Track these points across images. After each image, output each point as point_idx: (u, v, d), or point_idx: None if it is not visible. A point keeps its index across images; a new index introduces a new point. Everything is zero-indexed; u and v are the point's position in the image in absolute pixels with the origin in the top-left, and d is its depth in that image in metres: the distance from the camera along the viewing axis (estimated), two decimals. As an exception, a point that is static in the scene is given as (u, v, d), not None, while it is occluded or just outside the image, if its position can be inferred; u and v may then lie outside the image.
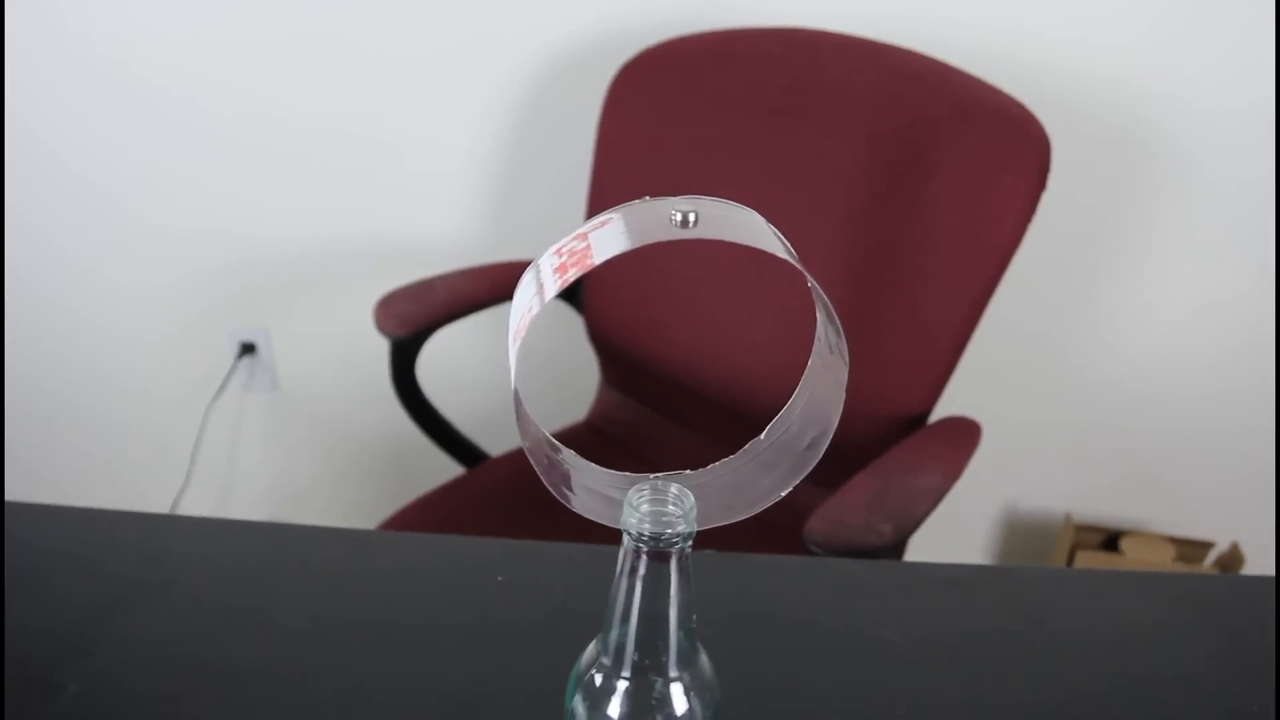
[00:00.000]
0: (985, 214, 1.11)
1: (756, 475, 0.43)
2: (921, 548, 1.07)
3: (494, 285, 1.34)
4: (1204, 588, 0.80)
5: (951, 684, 0.67)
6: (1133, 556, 1.63)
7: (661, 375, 1.35)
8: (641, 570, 0.44)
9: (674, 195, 0.38)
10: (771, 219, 1.23)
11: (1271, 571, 1.56)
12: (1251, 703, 0.67)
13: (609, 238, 0.36)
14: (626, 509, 0.43)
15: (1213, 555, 1.67)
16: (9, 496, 0.77)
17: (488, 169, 1.52)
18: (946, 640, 0.70)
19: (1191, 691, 0.68)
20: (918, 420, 1.18)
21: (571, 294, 1.41)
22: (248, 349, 1.66)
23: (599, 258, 0.35)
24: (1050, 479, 1.71)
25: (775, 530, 1.24)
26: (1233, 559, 1.63)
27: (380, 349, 1.28)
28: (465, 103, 1.47)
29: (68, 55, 1.45)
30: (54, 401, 1.71)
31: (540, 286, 0.37)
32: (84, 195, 1.55)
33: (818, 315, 0.41)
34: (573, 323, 1.44)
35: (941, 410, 1.18)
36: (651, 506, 0.43)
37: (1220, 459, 1.64)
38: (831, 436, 0.41)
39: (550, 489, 0.40)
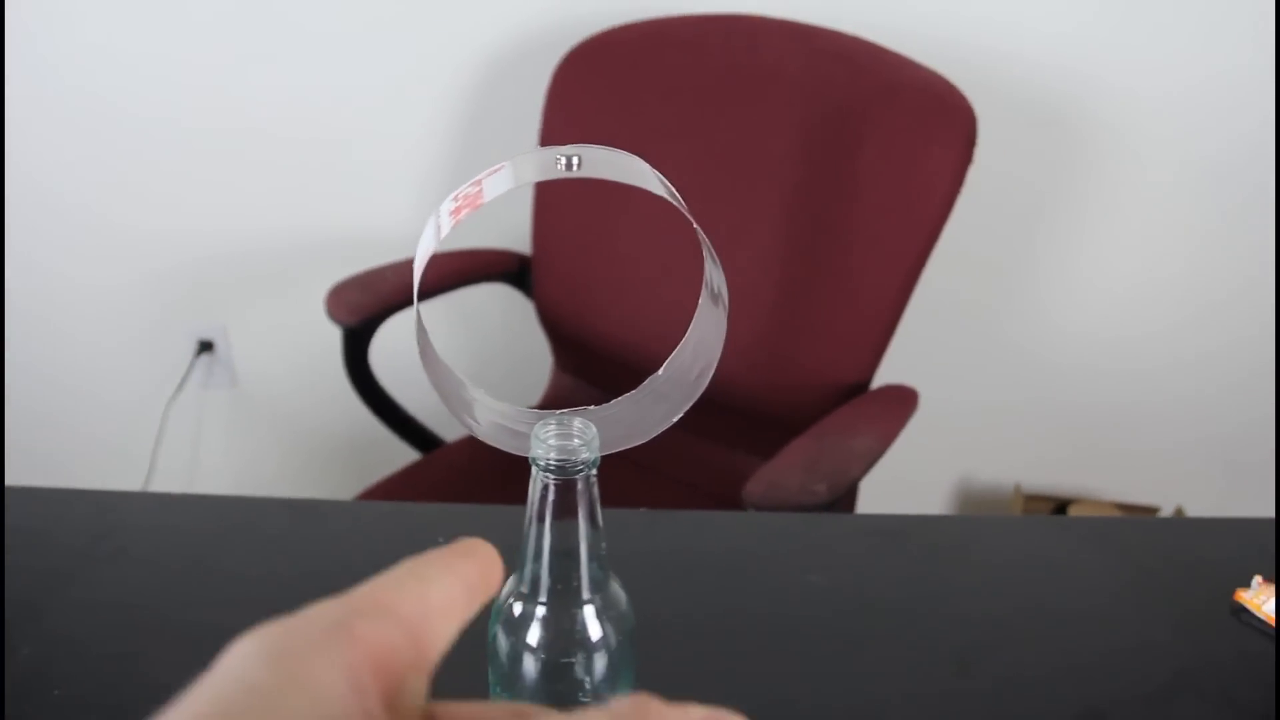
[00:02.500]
0: (914, 186, 1.15)
1: (653, 406, 0.46)
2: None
3: (444, 273, 1.37)
4: (1113, 528, 0.84)
5: (872, 620, 0.70)
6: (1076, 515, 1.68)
7: (612, 357, 1.38)
8: (551, 499, 0.47)
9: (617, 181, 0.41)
10: (711, 199, 1.27)
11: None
12: (1160, 631, 0.71)
13: (499, 180, 0.39)
14: (534, 440, 0.46)
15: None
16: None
17: (436, 161, 1.55)
18: (870, 583, 0.74)
19: (1104, 620, 0.72)
20: (857, 390, 1.21)
21: (521, 279, 1.44)
22: (205, 346, 1.68)
23: (488, 196, 0.38)
24: (1000, 451, 1.75)
25: (719, 501, 1.27)
26: (1176, 521, 1.68)
27: (336, 341, 1.31)
28: (412, 97, 1.50)
29: (18, 59, 1.46)
30: (10, 402, 1.72)
31: (438, 228, 0.39)
32: (38, 197, 1.56)
33: (706, 261, 0.44)
34: (524, 308, 1.47)
35: (874, 377, 1.22)
36: (557, 439, 0.46)
37: (1164, 427, 1.69)
38: (714, 368, 0.44)
39: (454, 416, 0.43)
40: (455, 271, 1.39)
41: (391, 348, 1.36)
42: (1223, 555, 0.78)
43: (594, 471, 0.46)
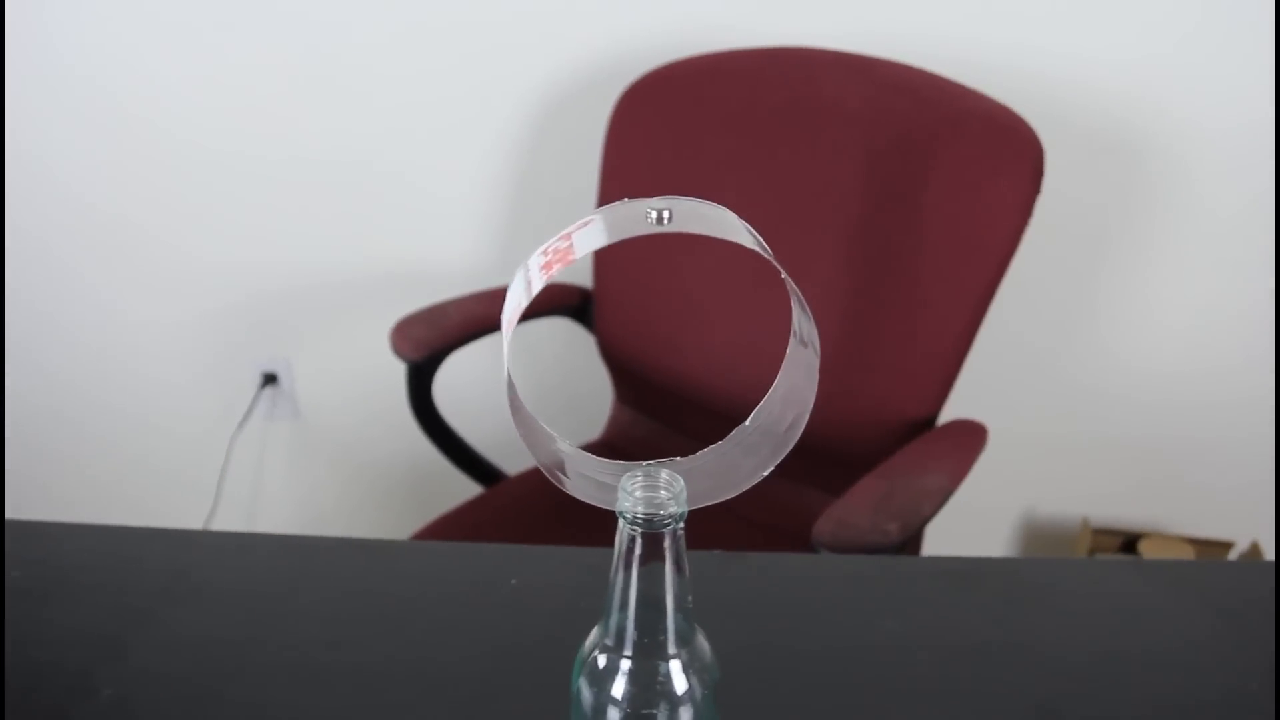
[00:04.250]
0: (981, 218, 1.14)
1: (741, 458, 0.46)
2: (942, 555, 1.09)
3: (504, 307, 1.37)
4: (1191, 571, 0.82)
5: (950, 669, 0.69)
6: (1152, 558, 1.64)
7: (674, 391, 1.37)
8: (637, 552, 0.46)
9: None
10: (773, 233, 1.26)
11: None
12: (1250, 680, 0.69)
13: (590, 235, 0.39)
14: (621, 493, 0.46)
15: (1233, 554, 1.67)
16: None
17: (497, 195, 1.56)
18: (944, 627, 0.72)
19: (1187, 670, 0.70)
20: (924, 425, 1.20)
21: (584, 313, 1.44)
22: (270, 379, 1.70)
23: (580, 253, 0.38)
24: (1066, 483, 1.72)
25: (786, 537, 1.26)
26: (1253, 558, 1.64)
27: (398, 374, 1.32)
28: (474, 131, 1.51)
29: (87, 92, 1.49)
30: (80, 436, 1.76)
31: (528, 283, 0.39)
32: (104, 232, 1.60)
33: (792, 307, 0.44)
34: (585, 341, 1.47)
35: (940, 412, 1.20)
36: (644, 491, 0.46)
37: (1234, 460, 1.65)
38: (808, 417, 0.43)
39: (544, 472, 0.43)
40: (517, 305, 1.39)
41: (454, 381, 1.37)
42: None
43: (681, 525, 0.46)
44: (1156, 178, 1.45)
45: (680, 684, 0.49)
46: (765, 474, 0.44)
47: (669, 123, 1.32)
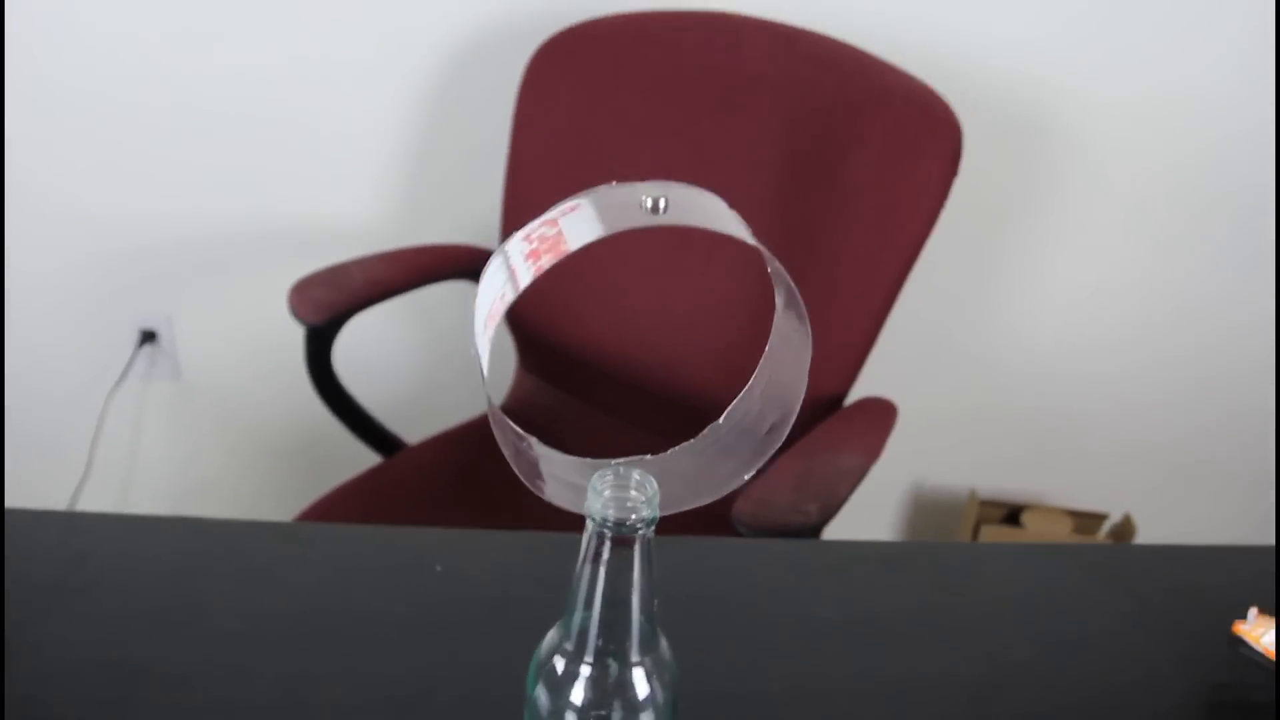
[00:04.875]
0: (901, 197, 1.14)
1: (718, 460, 0.43)
2: (834, 526, 1.10)
3: (410, 270, 1.32)
4: (1112, 555, 0.84)
5: (889, 658, 0.69)
6: (1034, 529, 1.70)
7: (579, 359, 1.34)
8: (605, 555, 0.44)
9: (593, 178, 0.38)
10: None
11: (1162, 541, 1.64)
12: (1162, 663, 0.71)
13: (581, 223, 0.36)
14: (590, 494, 0.43)
15: (1107, 526, 1.74)
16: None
17: (398, 152, 1.49)
18: (880, 616, 0.72)
19: (1108, 653, 0.71)
20: (836, 402, 1.20)
21: (488, 278, 1.40)
22: (148, 336, 1.61)
23: (574, 244, 0.35)
24: (954, 456, 1.76)
25: (699, 514, 1.25)
26: (1125, 529, 1.71)
27: (287, 336, 1.25)
28: (375, 83, 1.44)
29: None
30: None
31: (512, 272, 0.36)
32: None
33: (777, 299, 0.42)
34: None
35: (851, 388, 1.21)
36: (614, 492, 0.43)
37: (1113, 435, 1.71)
38: (793, 421, 0.41)
39: (523, 479, 0.40)
40: (420, 269, 1.34)
41: (352, 345, 1.31)
42: (1217, 584, 0.78)
43: (652, 529, 0.44)
44: (1051, 155, 1.48)
45: (643, 691, 0.47)
46: (746, 478, 0.42)
47: (586, 81, 1.29)
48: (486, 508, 1.22)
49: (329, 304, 1.19)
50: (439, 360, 1.64)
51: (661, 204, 0.37)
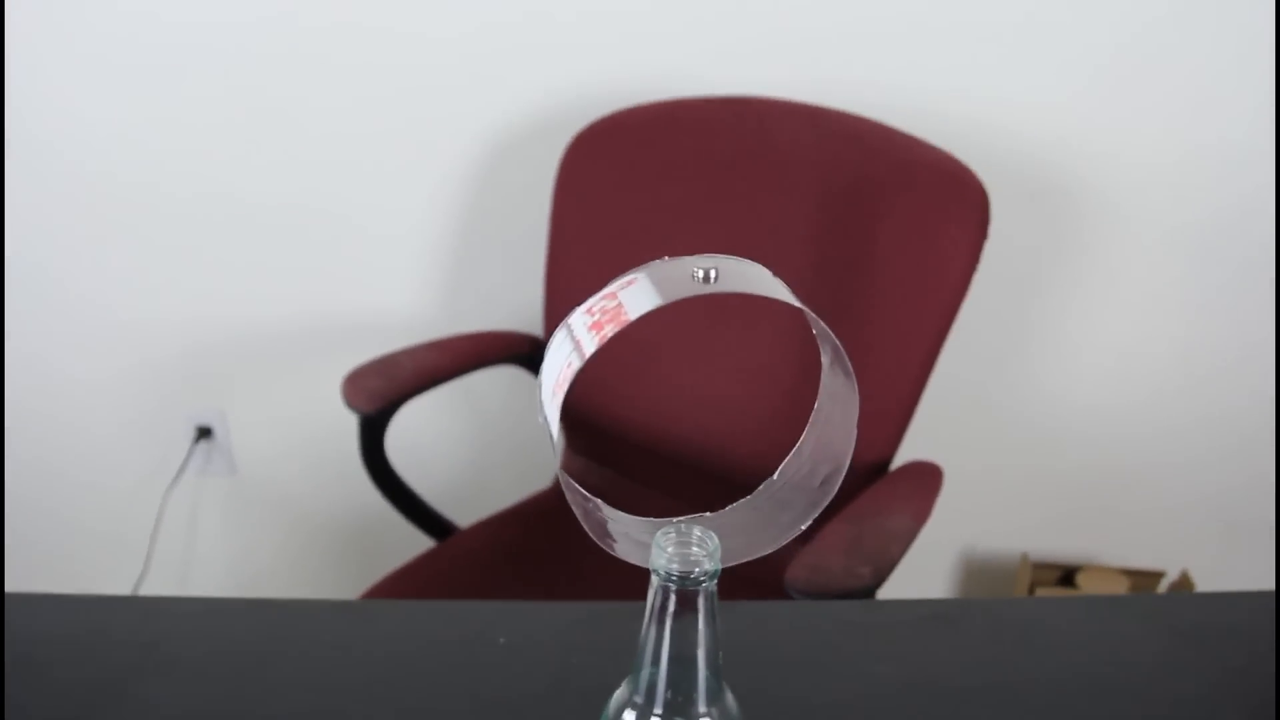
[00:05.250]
0: (932, 265, 1.16)
1: (774, 513, 0.46)
2: (886, 593, 1.10)
3: (456, 356, 1.36)
4: (1169, 605, 0.84)
5: (945, 710, 0.69)
6: (1089, 590, 1.68)
7: (625, 438, 1.37)
8: (670, 609, 0.46)
9: (631, 262, 0.41)
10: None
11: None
12: (1227, 712, 0.70)
13: (639, 295, 0.39)
14: (654, 550, 0.45)
15: (1164, 584, 1.72)
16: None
17: (442, 244, 1.54)
18: (939, 673, 0.73)
19: (1179, 705, 0.71)
20: (880, 468, 1.21)
21: (533, 361, 1.43)
22: (204, 433, 1.65)
23: (633, 314, 0.38)
24: (1004, 519, 1.75)
25: (749, 584, 1.26)
26: (1183, 587, 1.69)
27: (339, 426, 1.29)
28: (417, 178, 1.50)
29: (15, 138, 1.44)
30: (6, 495, 1.68)
31: (577, 343, 0.39)
32: (31, 283, 1.54)
33: (823, 357, 0.44)
34: (531, 388, 1.46)
35: (895, 458, 1.22)
36: (678, 548, 0.46)
37: (1165, 492, 1.70)
38: (844, 474, 0.44)
39: (594, 537, 0.42)
40: (467, 355, 1.38)
41: (402, 432, 1.35)
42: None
43: (714, 582, 0.46)
44: (1082, 218, 1.50)
45: (711, 742, 0.49)
46: (803, 528, 0.44)
47: (620, 169, 1.33)
48: (541, 585, 1.24)
49: (381, 393, 1.23)
50: (488, 444, 1.67)
51: (713, 274, 0.40)
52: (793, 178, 1.24)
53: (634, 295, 0.39)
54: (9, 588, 1.50)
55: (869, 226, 1.19)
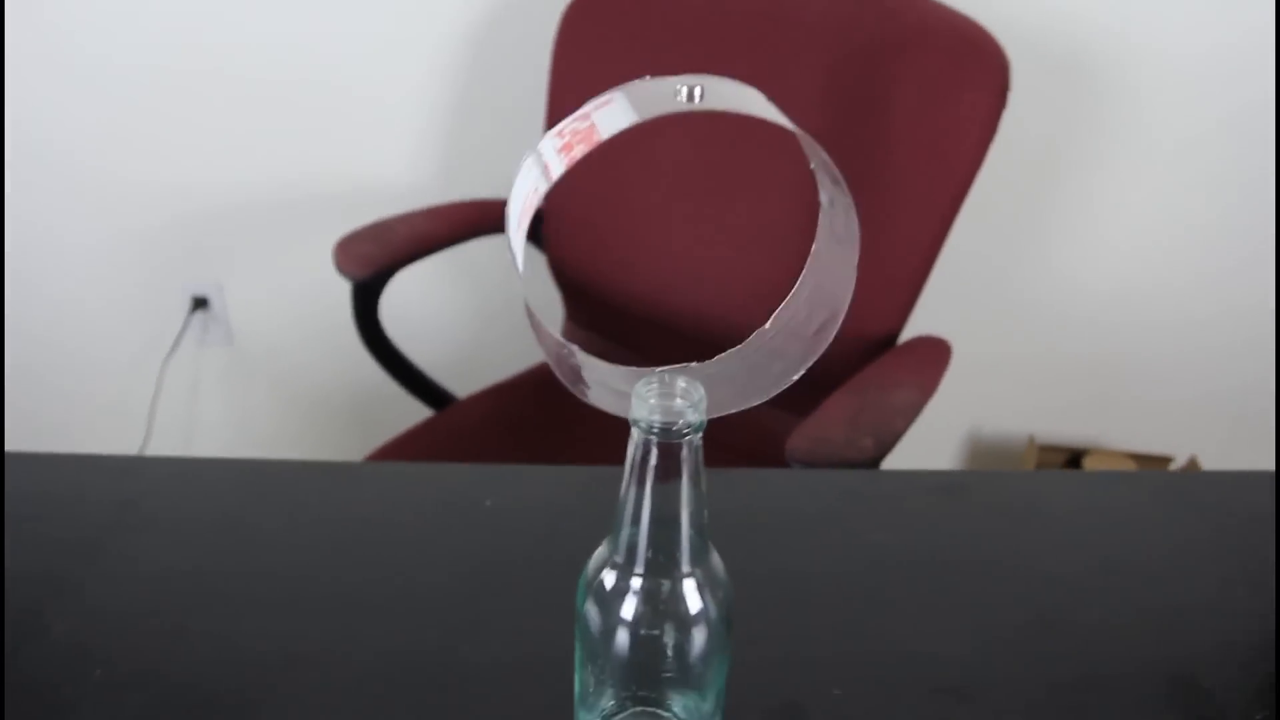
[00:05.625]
0: (947, 132, 1.11)
1: (765, 363, 0.42)
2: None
3: (453, 224, 1.32)
4: (1180, 482, 0.82)
5: (947, 582, 0.67)
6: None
7: (627, 310, 1.34)
8: (652, 464, 0.43)
9: (633, 128, 0.37)
10: (732, 145, 1.21)
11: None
12: (1236, 586, 0.68)
13: (614, 114, 0.35)
14: (635, 400, 0.42)
15: (1172, 469, 1.71)
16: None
17: (437, 112, 1.49)
18: (937, 540, 0.71)
19: (1178, 575, 0.69)
20: (886, 343, 1.18)
21: (533, 231, 1.39)
22: (200, 303, 1.62)
23: (606, 133, 0.34)
24: (1011, 401, 1.73)
25: (746, 458, 1.24)
26: (1192, 472, 1.67)
27: (336, 295, 1.26)
28: (412, 44, 1.44)
29: (8, 5, 1.39)
30: (5, 364, 1.67)
31: (545, 167, 0.35)
32: (27, 150, 1.50)
33: (821, 196, 0.41)
34: (534, 260, 1.42)
35: (903, 336, 1.19)
36: (660, 399, 0.43)
37: (1175, 379, 1.67)
38: (842, 319, 0.40)
39: (565, 384, 0.39)
40: (462, 222, 1.34)
41: (399, 301, 1.32)
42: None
43: (699, 435, 0.43)
44: (1112, 99, 1.43)
45: (695, 604, 0.47)
46: (795, 378, 0.41)
47: (620, 33, 1.27)
48: (540, 455, 1.22)
49: (373, 258, 1.20)
50: (487, 316, 1.64)
51: (697, 92, 0.36)
52: (804, 40, 1.18)
53: (609, 114, 0.35)
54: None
55: (883, 90, 1.14)
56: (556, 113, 1.31)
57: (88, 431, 1.71)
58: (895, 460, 1.03)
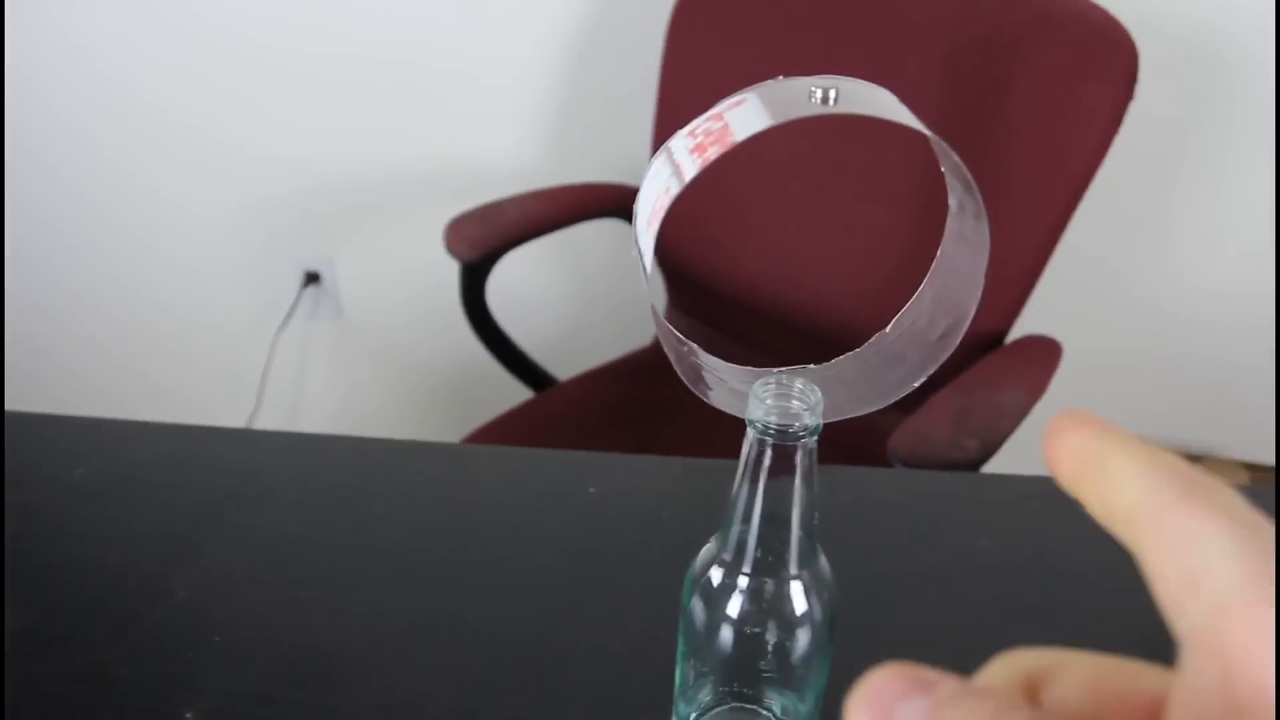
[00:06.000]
0: (1069, 126, 1.08)
1: (885, 368, 0.42)
2: (994, 470, 1.06)
3: (562, 207, 1.33)
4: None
5: (1053, 590, 0.66)
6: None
7: (730, 297, 1.33)
8: (766, 465, 0.43)
9: None
10: (844, 139, 1.19)
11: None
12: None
13: (748, 115, 0.35)
14: (752, 400, 0.42)
15: (1288, 480, 1.64)
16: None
17: (550, 93, 1.50)
18: (1044, 552, 0.69)
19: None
20: (995, 340, 1.16)
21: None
22: (312, 278, 1.67)
23: (740, 134, 0.34)
24: (1121, 404, 1.68)
25: (848, 453, 1.23)
26: (1310, 484, 1.60)
27: (443, 275, 1.28)
28: (526, 26, 1.45)
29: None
30: (120, 329, 1.74)
31: (676, 167, 0.35)
32: (145, 122, 1.55)
33: (950, 199, 0.40)
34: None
35: (1013, 332, 1.16)
36: (777, 400, 0.42)
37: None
38: (967, 326, 0.39)
39: (687, 382, 0.40)
40: (572, 205, 1.35)
41: (506, 282, 1.33)
42: None
43: (814, 439, 0.43)
44: (1237, 92, 1.37)
45: (800, 605, 0.47)
46: (915, 385, 0.41)
47: (734, 19, 1.26)
48: (638, 440, 1.23)
49: (483, 240, 1.21)
50: (592, 298, 1.65)
51: (831, 95, 0.35)
52: (920, 26, 1.16)
53: (742, 115, 0.35)
54: (128, 417, 1.56)
55: (1003, 81, 1.11)
56: (666, 100, 1.30)
57: (204, 395, 1.77)
58: (999, 459, 1.01)
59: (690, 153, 0.35)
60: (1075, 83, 1.07)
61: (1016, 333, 1.16)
